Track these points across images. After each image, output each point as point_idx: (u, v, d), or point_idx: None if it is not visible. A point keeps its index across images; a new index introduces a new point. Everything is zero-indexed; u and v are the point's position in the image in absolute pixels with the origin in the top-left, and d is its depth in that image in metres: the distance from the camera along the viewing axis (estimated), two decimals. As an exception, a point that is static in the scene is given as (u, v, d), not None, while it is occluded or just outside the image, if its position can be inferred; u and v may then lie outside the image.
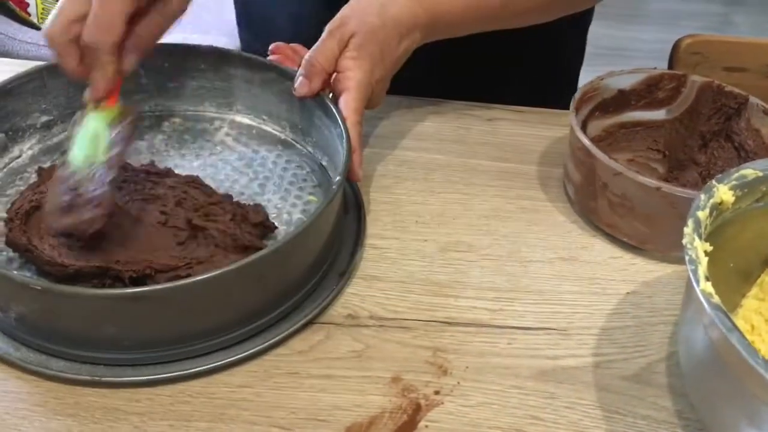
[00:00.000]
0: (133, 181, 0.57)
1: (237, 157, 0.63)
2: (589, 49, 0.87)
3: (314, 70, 0.60)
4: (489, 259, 0.58)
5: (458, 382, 0.49)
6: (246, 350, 0.49)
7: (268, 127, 0.66)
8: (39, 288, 0.45)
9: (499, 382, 0.49)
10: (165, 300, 0.46)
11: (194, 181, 0.58)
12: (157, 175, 0.58)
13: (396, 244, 0.58)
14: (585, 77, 0.85)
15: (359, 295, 0.54)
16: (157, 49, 0.61)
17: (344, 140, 0.56)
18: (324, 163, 0.63)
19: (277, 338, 0.50)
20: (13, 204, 0.55)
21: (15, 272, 0.50)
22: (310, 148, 0.64)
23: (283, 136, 0.66)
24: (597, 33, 0.88)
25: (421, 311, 0.53)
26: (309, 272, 0.52)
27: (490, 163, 0.67)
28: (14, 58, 1.38)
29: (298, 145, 0.65)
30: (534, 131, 0.70)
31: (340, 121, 0.57)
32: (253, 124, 0.66)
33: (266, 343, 0.49)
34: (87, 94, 0.54)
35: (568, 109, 0.88)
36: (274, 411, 0.46)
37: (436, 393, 0.48)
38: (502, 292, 0.55)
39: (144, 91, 0.66)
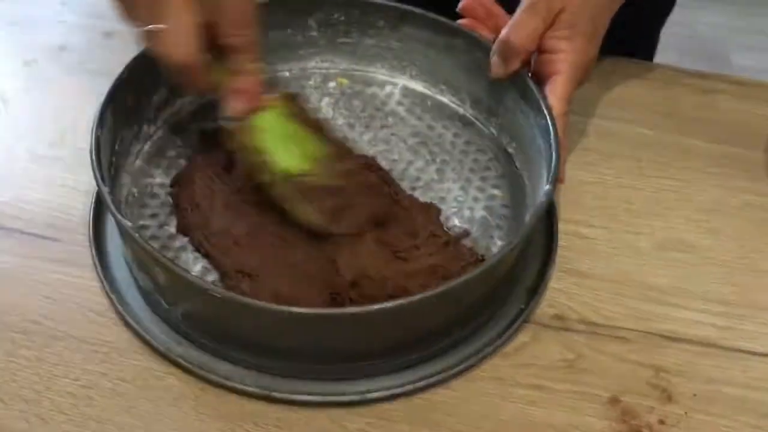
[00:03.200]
0: None
1: (410, 132, 0.56)
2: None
3: (513, 51, 0.51)
4: (714, 263, 0.50)
5: (686, 412, 0.43)
6: (426, 377, 0.43)
7: (446, 99, 0.58)
8: (218, 296, 0.40)
9: (734, 418, 0.43)
10: (364, 320, 0.40)
11: (372, 165, 0.51)
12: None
13: (604, 234, 0.52)
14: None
15: (566, 292, 0.48)
16: (334, 1, 0.56)
17: (551, 136, 0.48)
18: (510, 150, 0.55)
19: (455, 369, 0.44)
20: (180, 175, 0.50)
21: (193, 274, 0.43)
22: (493, 130, 0.56)
23: (461, 111, 0.58)
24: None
25: (638, 320, 0.47)
26: (499, 289, 0.46)
27: (708, 145, 0.58)
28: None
29: (478, 124, 0.57)
30: (760, 110, 0.61)
31: (546, 112, 0.49)
32: (428, 93, 0.59)
33: (447, 372, 0.43)
34: (238, 106, 0.46)
35: (650, 59, 0.74)
36: (482, 421, 0.42)
37: (661, 422, 0.43)
38: (732, 307, 0.48)
39: (313, 45, 0.59)
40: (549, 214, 0.51)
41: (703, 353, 0.46)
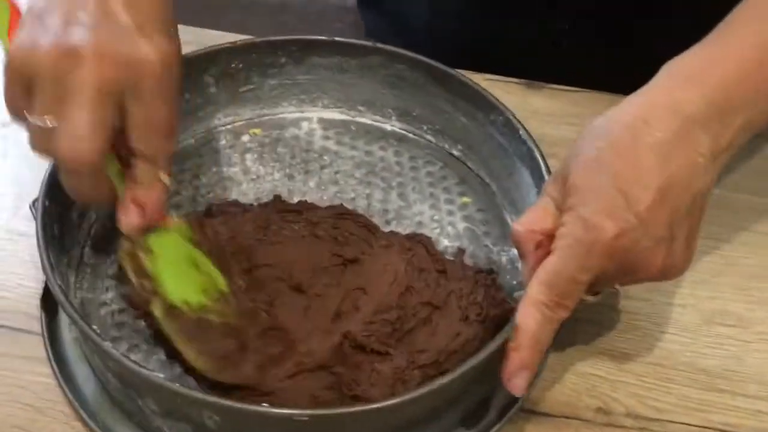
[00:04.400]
0: (264, 225, 0.46)
1: (353, 165, 0.53)
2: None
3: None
4: (767, 340, 0.46)
5: None
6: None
7: (367, 119, 0.56)
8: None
9: None
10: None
11: (345, 213, 0.47)
12: (292, 212, 0.47)
13: (646, 308, 0.47)
14: None
15: (608, 379, 0.44)
16: (227, 48, 0.53)
17: (520, 134, 0.48)
18: (456, 153, 0.54)
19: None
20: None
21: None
22: (430, 137, 0.55)
23: (389, 127, 0.56)
24: None
25: (690, 411, 0.43)
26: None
27: (757, 199, 0.54)
28: None
29: (412, 135, 0.55)
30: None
31: (501, 108, 0.49)
32: (348, 118, 0.56)
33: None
34: (133, 221, 0.40)
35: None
36: None
37: None
38: (792, 392, 0.44)
39: (212, 102, 0.54)
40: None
41: (765, 450, 0.41)
